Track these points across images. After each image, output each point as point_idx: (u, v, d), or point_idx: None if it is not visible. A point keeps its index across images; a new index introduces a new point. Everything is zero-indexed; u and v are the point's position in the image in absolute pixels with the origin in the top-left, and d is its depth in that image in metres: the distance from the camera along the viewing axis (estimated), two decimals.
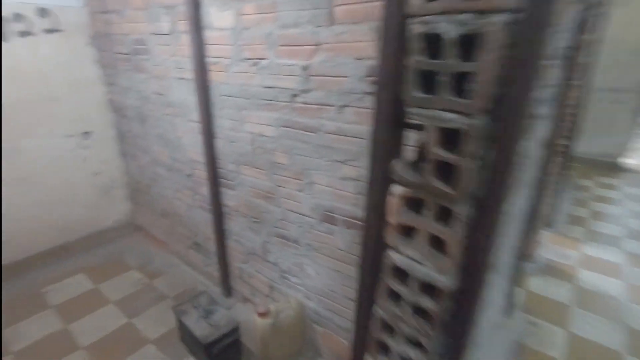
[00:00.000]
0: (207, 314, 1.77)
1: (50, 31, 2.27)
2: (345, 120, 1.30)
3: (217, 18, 1.57)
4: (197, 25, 1.64)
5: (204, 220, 2.17)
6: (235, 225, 1.97)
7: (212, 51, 1.66)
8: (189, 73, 1.82)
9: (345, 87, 1.26)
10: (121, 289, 2.32)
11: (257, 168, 1.70)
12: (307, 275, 1.68)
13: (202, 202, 2.12)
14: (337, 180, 1.41)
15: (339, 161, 1.37)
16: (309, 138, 1.43)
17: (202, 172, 2.02)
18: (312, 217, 1.55)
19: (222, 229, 2.05)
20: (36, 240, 2.48)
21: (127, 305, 2.18)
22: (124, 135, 2.64)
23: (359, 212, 1.37)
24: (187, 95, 1.91)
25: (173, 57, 1.89)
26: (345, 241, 1.46)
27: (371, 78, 1.18)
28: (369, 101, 1.22)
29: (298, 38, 1.33)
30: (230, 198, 1.93)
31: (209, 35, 1.64)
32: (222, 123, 1.78)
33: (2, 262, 2.35)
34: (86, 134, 2.57)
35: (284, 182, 1.61)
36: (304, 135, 1.45)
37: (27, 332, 1.97)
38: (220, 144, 1.85)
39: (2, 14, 2.06)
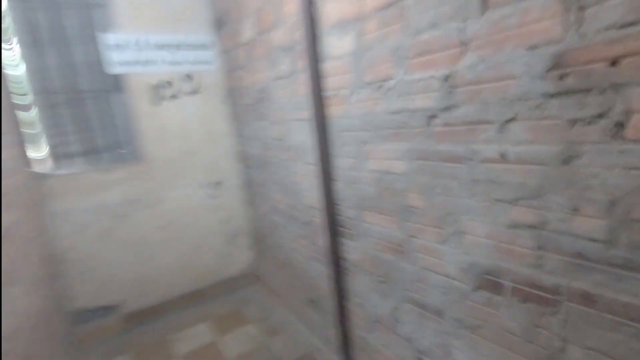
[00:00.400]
0: None
1: (192, 93, 2.53)
2: (512, 140, 0.90)
3: (335, 47, 1.41)
4: (313, 59, 1.51)
5: (320, 274, 1.91)
6: (357, 284, 1.64)
7: (330, 83, 1.50)
8: (306, 112, 1.69)
9: (512, 92, 0.88)
10: (238, 345, 2.18)
11: (384, 214, 1.38)
12: None
13: (319, 254, 1.88)
14: (501, 229, 0.97)
15: (505, 201, 0.95)
16: (455, 171, 1.06)
17: (318, 220, 1.81)
18: (461, 281, 1.12)
19: (340, 287, 1.74)
20: (171, 285, 2.60)
21: None
22: (248, 184, 2.69)
23: (543, 277, 0.89)
24: (304, 137, 1.77)
25: (291, 98, 1.81)
26: (519, 321, 0.97)
27: (558, 71, 0.78)
28: (553, 108, 0.80)
29: (436, 42, 1.03)
30: (350, 250, 1.63)
31: (326, 66, 1.49)
32: (341, 163, 1.55)
33: (143, 306, 2.51)
34: (217, 184, 2.70)
35: (418, 232, 1.23)
36: (447, 168, 1.08)
37: None
38: (339, 187, 1.61)
39: (156, 82, 2.38)
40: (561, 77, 0.78)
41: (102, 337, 2.37)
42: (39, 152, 2.14)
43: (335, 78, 1.46)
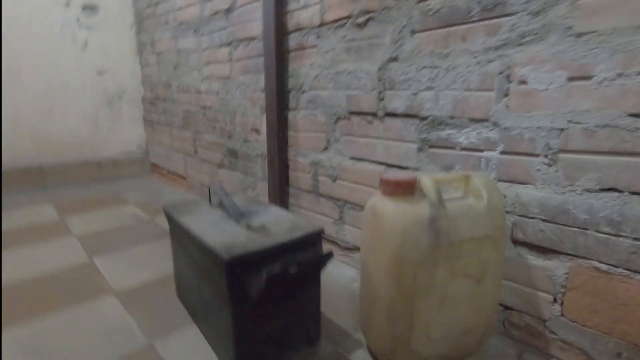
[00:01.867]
0: (242, 213, 0.72)
1: None
2: None
3: None
4: None
5: (254, 98, 1.19)
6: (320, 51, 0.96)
7: None
8: None
9: None
10: (100, 222, 1.34)
11: None
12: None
13: (258, 51, 1.16)
14: None
15: None
16: None
17: None
18: None
19: (281, 73, 1.04)
20: (5, 150, 1.62)
21: (98, 239, 1.18)
22: (142, 14, 1.81)
23: None
24: None
25: None
26: None
27: None
28: None
29: None
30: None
31: None
32: None
33: None
34: (91, 8, 1.78)
35: None
36: None
37: None
38: None
39: None
40: None
41: None
42: None
43: None
